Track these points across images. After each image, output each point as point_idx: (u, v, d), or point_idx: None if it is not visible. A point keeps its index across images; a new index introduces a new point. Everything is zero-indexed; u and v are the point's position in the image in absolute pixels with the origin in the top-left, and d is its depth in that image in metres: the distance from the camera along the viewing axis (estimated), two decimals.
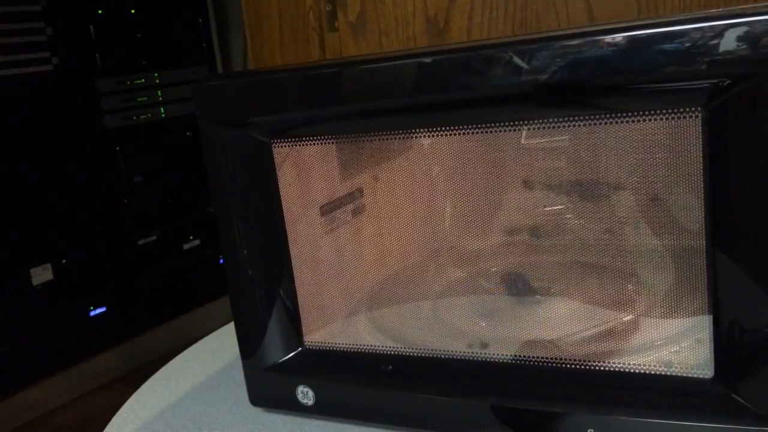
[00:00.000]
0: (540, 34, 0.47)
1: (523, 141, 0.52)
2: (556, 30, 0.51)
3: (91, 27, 2.00)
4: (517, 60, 0.45)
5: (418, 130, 0.52)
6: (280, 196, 0.59)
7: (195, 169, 2.26)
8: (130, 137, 2.10)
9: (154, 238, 2.19)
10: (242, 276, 0.60)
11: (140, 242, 2.15)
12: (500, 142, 0.51)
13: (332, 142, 0.56)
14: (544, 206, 0.55)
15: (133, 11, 2.11)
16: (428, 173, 0.58)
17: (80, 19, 1.98)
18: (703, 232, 0.45)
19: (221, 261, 2.46)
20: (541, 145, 0.51)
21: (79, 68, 1.98)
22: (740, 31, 0.40)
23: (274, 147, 0.57)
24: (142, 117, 2.13)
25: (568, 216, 0.54)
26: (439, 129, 0.51)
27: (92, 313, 2.04)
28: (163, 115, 2.18)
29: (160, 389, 0.69)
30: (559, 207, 0.54)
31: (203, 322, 2.31)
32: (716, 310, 0.46)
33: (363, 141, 0.57)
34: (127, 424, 0.63)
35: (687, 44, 0.41)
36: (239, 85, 0.55)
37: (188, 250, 2.29)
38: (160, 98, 2.18)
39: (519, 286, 0.57)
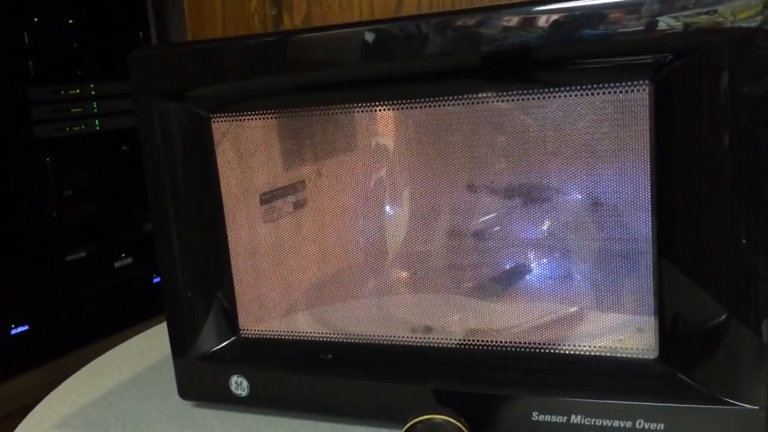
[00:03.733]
0: (486, 7, 0.47)
1: (468, 121, 0.51)
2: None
3: (25, 33, 1.93)
4: (460, 31, 0.45)
5: (362, 105, 0.51)
6: (218, 177, 0.56)
7: (130, 185, 2.19)
8: (62, 149, 2.02)
9: (83, 254, 2.09)
10: (174, 261, 0.56)
11: (68, 258, 2.05)
12: (445, 119, 0.50)
13: (274, 118, 0.54)
14: (491, 197, 0.54)
15: (71, 21, 2.05)
16: (373, 169, 0.57)
17: (13, 25, 1.90)
18: (650, 211, 0.45)
19: (155, 280, 2.35)
20: (487, 131, 0.51)
21: (10, 75, 1.90)
22: (676, 4, 0.40)
23: (214, 122, 0.54)
24: (75, 128, 2.05)
25: (514, 205, 0.53)
26: (383, 104, 0.50)
27: (13, 332, 1.93)
28: (98, 128, 2.11)
29: (80, 386, 0.65)
30: (505, 199, 0.53)
31: None
32: (660, 299, 0.46)
33: (306, 124, 0.55)
34: (43, 421, 0.58)
35: (626, 20, 0.41)
36: (178, 55, 0.52)
37: (119, 269, 2.20)
38: (96, 110, 2.10)
39: (465, 283, 0.56)
